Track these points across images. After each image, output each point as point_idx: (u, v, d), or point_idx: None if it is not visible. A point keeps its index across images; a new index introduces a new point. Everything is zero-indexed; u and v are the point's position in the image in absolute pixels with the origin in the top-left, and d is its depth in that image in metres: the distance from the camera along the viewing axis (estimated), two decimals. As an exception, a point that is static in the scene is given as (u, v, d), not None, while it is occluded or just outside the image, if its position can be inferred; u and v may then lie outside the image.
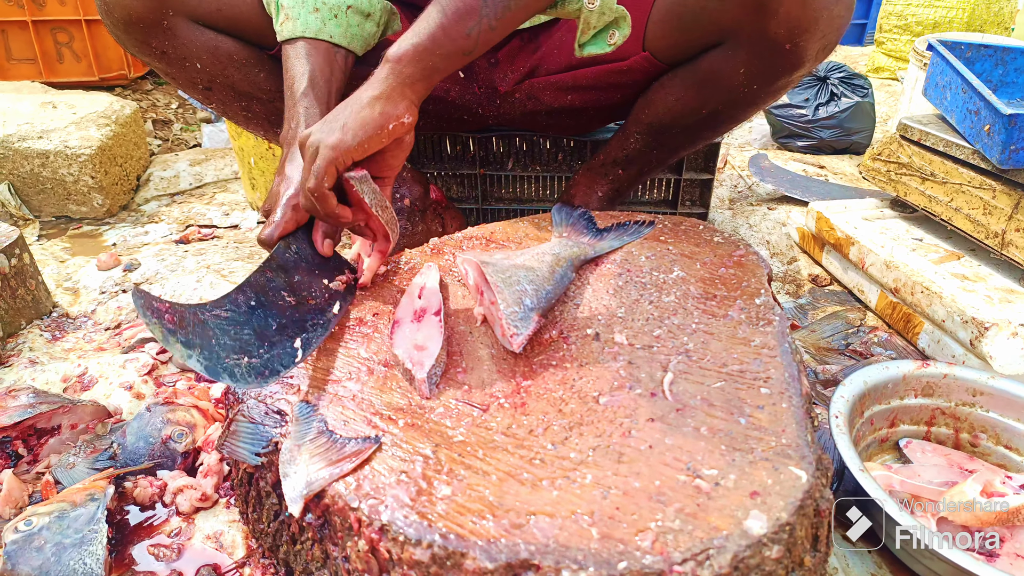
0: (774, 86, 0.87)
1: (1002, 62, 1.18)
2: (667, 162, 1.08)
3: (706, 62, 0.87)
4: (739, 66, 0.84)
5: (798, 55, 0.80)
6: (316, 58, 0.85)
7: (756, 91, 0.87)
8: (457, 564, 0.46)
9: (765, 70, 0.83)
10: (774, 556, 0.45)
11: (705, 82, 0.88)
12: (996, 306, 0.94)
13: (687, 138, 1.00)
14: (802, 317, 1.13)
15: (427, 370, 0.62)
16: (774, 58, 0.81)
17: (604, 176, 1.07)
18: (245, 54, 0.95)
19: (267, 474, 0.60)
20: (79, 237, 1.47)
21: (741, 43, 0.82)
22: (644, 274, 0.79)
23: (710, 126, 0.97)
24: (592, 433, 0.56)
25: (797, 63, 0.82)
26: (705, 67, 0.88)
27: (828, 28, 0.78)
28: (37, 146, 1.46)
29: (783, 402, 0.57)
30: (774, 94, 0.89)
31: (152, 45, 0.91)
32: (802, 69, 0.83)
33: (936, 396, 0.79)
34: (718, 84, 0.88)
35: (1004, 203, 0.99)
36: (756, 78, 0.85)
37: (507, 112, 1.10)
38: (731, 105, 0.91)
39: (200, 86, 0.97)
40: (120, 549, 0.68)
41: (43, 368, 0.94)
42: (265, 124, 1.05)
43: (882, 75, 2.58)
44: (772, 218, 1.44)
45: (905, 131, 1.17)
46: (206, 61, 0.94)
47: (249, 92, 0.99)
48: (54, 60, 2.02)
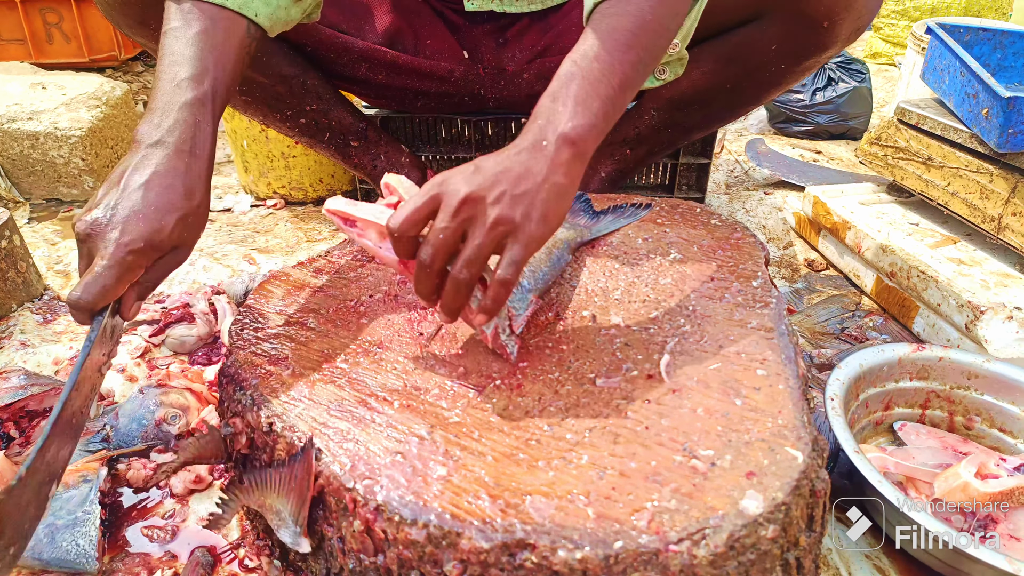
0: (802, 65, 0.87)
1: (1000, 46, 1.17)
2: (677, 144, 1.07)
3: (738, 37, 0.87)
4: (771, 42, 0.84)
5: (833, 34, 0.81)
6: (223, 38, 0.66)
7: (783, 70, 0.87)
8: (453, 544, 0.46)
9: (797, 48, 0.84)
10: (769, 536, 0.45)
11: (734, 57, 0.88)
12: (992, 290, 0.94)
13: (704, 116, 0.99)
14: (798, 302, 1.13)
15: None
16: (808, 35, 0.82)
17: (611, 156, 1.06)
18: None
19: (261, 456, 0.60)
20: (70, 220, 1.46)
21: (777, 19, 0.83)
22: (641, 256, 0.78)
23: (729, 105, 0.96)
24: (588, 414, 0.56)
25: (829, 42, 0.82)
26: (736, 42, 0.88)
27: (863, 9, 0.79)
28: (27, 127, 1.44)
29: (779, 383, 0.57)
30: (799, 74, 0.89)
31: (150, 26, 0.87)
32: (832, 49, 0.84)
33: (931, 379, 0.79)
34: (747, 60, 0.88)
35: (1001, 187, 0.99)
36: (786, 56, 0.85)
37: (512, 93, 1.09)
38: (755, 83, 0.91)
39: None
40: (114, 531, 0.68)
41: (34, 350, 0.93)
42: (264, 108, 1.03)
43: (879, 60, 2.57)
44: (769, 203, 1.44)
45: (903, 115, 1.17)
46: None
47: (249, 76, 0.97)
48: (43, 41, 1.99)
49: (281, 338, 0.68)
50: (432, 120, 1.24)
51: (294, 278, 0.78)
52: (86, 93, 1.56)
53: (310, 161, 1.46)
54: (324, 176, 1.49)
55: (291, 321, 0.70)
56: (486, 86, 1.08)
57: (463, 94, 1.10)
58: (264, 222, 1.43)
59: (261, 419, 0.58)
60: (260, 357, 0.65)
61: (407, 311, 0.71)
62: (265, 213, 1.47)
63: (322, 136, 1.08)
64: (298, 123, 1.05)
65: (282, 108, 1.02)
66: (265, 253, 1.26)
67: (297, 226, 1.40)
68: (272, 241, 1.34)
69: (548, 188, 0.54)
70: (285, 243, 1.33)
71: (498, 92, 1.09)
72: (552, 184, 0.54)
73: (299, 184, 1.48)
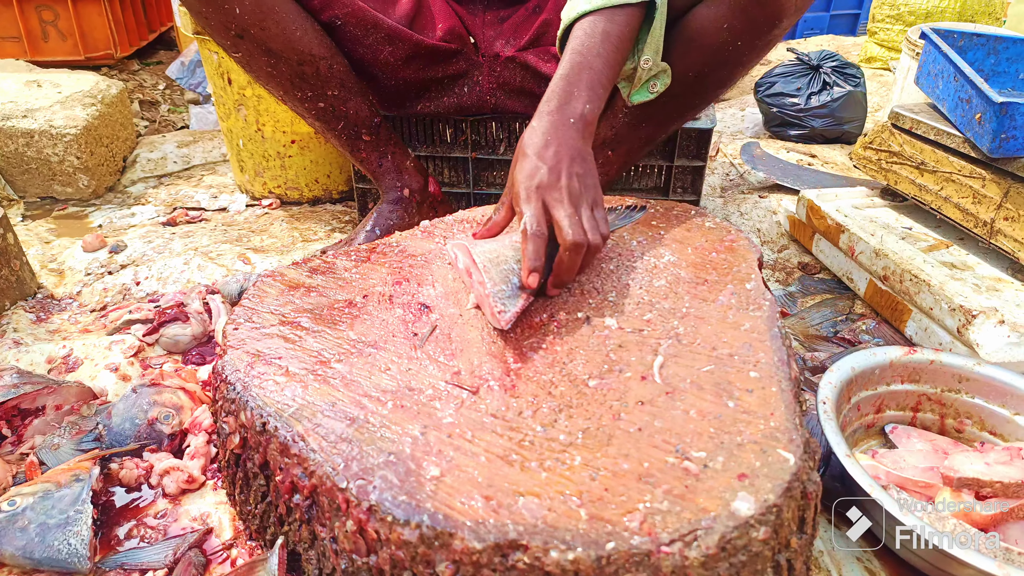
0: (758, 41, 0.88)
1: (994, 51, 1.18)
2: (655, 139, 1.07)
3: (691, 20, 0.88)
4: (723, 21, 0.86)
5: (779, 5, 0.83)
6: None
7: (741, 48, 0.88)
8: (445, 544, 0.46)
9: (749, 23, 0.85)
10: (761, 537, 0.46)
11: (691, 41, 0.89)
12: (983, 294, 0.94)
13: (675, 106, 0.99)
14: (791, 304, 1.13)
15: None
16: (756, 8, 0.83)
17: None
18: (287, 9, 0.94)
19: (254, 455, 0.60)
20: (64, 218, 1.45)
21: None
22: (635, 258, 0.78)
23: (697, 92, 0.97)
24: (582, 416, 0.56)
25: (780, 12, 0.84)
26: (689, 26, 0.89)
27: None
28: (21, 125, 1.43)
29: (772, 386, 0.57)
30: (759, 51, 0.90)
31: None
32: (784, 20, 0.85)
33: (922, 382, 0.80)
34: (704, 43, 0.88)
35: (993, 192, 0.99)
36: (741, 33, 0.86)
37: (505, 80, 1.11)
38: (717, 65, 0.92)
39: (233, 32, 0.94)
40: (105, 530, 0.68)
41: (28, 349, 0.93)
42: (287, 84, 1.02)
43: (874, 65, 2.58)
44: (763, 206, 1.44)
45: (897, 119, 1.17)
46: (247, 7, 0.91)
47: (279, 51, 0.97)
48: (39, 38, 1.99)
49: (275, 337, 0.68)
50: (430, 120, 1.24)
51: (289, 278, 0.78)
52: (81, 91, 1.56)
53: (306, 161, 1.46)
54: (320, 176, 1.49)
55: (285, 321, 0.70)
56: (483, 73, 1.10)
57: (464, 83, 1.13)
58: (259, 222, 1.43)
59: (254, 419, 0.58)
60: (254, 357, 0.65)
61: (401, 312, 0.71)
62: (260, 213, 1.47)
63: (336, 124, 1.08)
64: (316, 106, 1.04)
65: (304, 88, 1.02)
66: (260, 253, 1.26)
67: (292, 226, 1.40)
68: (267, 241, 1.33)
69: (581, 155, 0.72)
70: (280, 243, 1.33)
71: (493, 80, 1.11)
72: (586, 151, 0.73)
73: (295, 184, 1.48)
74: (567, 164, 0.71)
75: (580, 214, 0.69)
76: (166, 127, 2.04)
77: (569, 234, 0.66)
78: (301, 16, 0.96)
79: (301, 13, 0.96)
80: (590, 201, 0.71)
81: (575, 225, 0.67)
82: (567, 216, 0.67)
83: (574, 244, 0.66)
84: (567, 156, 0.71)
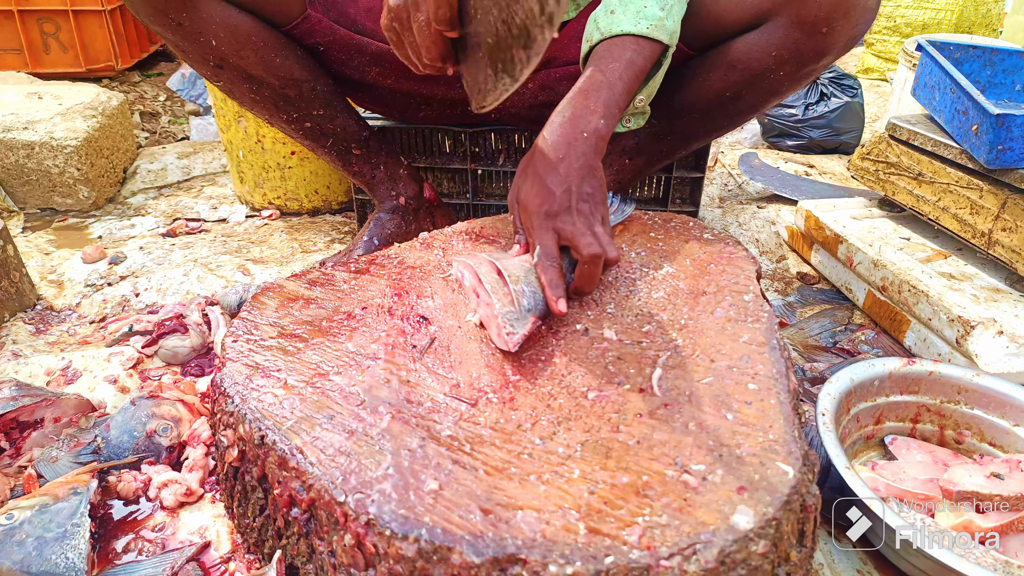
0: (801, 72, 0.89)
1: (990, 63, 1.19)
2: (675, 154, 1.07)
3: (740, 44, 0.90)
4: (772, 49, 0.87)
5: (831, 39, 0.84)
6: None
7: (783, 77, 0.90)
8: (443, 559, 0.46)
9: (797, 54, 0.86)
10: (760, 551, 0.46)
11: (734, 64, 0.91)
12: (982, 305, 0.95)
13: (703, 125, 1.00)
14: (790, 315, 1.13)
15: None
16: (808, 41, 0.85)
17: (608, 167, 1.06)
18: (264, 37, 0.94)
19: (253, 468, 0.60)
20: (64, 229, 1.45)
21: (778, 25, 0.85)
22: (634, 270, 0.79)
23: (728, 114, 0.97)
24: (580, 428, 0.56)
25: (828, 48, 0.85)
26: (738, 48, 0.90)
27: (860, 18, 0.82)
28: (22, 137, 1.44)
29: (771, 398, 0.57)
30: (798, 82, 0.92)
31: (170, 16, 0.88)
32: (830, 56, 0.87)
33: (921, 393, 0.80)
34: (747, 67, 0.90)
35: (991, 203, 1.00)
36: (786, 63, 0.88)
37: (514, 103, 1.10)
38: (756, 91, 0.93)
39: (211, 63, 0.95)
40: (103, 544, 0.68)
41: (26, 361, 0.93)
42: (271, 108, 1.03)
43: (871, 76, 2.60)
44: (762, 216, 1.45)
45: (894, 131, 1.18)
46: (223, 39, 0.92)
47: (260, 76, 0.97)
48: (40, 50, 1.99)
49: (274, 350, 0.68)
50: (429, 131, 1.25)
51: (288, 290, 0.78)
52: (82, 103, 1.56)
53: (305, 172, 1.46)
54: (319, 187, 1.49)
55: (284, 333, 0.70)
56: None
57: (467, 102, 1.12)
58: (259, 233, 1.43)
59: (253, 432, 0.58)
60: (253, 369, 0.65)
61: (400, 324, 0.71)
62: (260, 224, 1.47)
63: (325, 141, 1.08)
64: (303, 126, 1.05)
65: (289, 110, 1.02)
66: (259, 264, 1.26)
67: (292, 237, 1.40)
68: (267, 252, 1.34)
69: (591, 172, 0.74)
70: (280, 254, 1.33)
71: (502, 102, 1.11)
72: (596, 167, 0.75)
73: (294, 195, 1.49)
74: (577, 184, 0.72)
75: (594, 232, 0.71)
76: (166, 138, 2.05)
77: (587, 247, 0.69)
78: (280, 42, 0.96)
79: (280, 39, 0.96)
80: (599, 219, 0.73)
81: (591, 242, 0.70)
82: (581, 235, 0.70)
83: (592, 256, 0.69)
84: (578, 175, 0.73)
